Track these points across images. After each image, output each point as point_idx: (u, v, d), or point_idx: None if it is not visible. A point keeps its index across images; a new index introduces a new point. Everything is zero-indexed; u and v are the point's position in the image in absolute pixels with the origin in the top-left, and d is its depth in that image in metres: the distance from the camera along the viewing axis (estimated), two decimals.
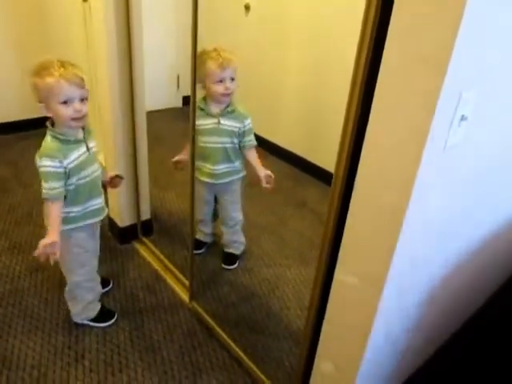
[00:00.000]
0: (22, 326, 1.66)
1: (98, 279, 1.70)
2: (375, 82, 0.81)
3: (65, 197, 1.42)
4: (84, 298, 1.64)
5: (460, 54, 0.70)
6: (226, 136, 1.76)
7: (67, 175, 1.39)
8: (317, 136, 2.78)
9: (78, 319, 1.68)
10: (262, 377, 1.50)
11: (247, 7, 2.95)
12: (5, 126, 3.13)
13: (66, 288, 1.63)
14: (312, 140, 2.83)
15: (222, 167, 1.81)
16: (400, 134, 0.78)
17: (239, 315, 1.77)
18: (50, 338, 1.62)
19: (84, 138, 1.44)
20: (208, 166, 1.81)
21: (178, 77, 3.74)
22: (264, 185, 1.78)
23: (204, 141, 1.76)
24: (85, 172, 1.44)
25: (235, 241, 2.04)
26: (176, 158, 1.87)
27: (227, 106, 1.74)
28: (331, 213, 0.99)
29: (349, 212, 0.92)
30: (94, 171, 1.48)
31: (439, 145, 0.80)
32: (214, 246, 2.12)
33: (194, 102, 1.49)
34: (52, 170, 1.35)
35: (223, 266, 2.02)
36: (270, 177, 1.77)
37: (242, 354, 1.57)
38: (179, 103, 3.80)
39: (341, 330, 1.06)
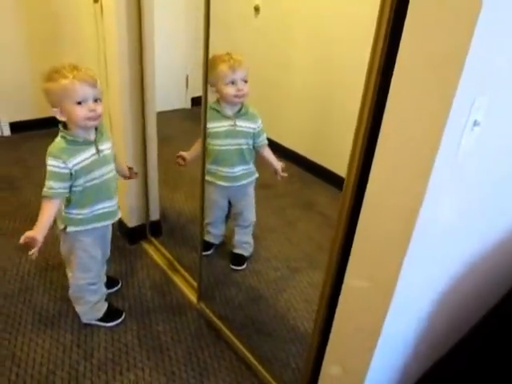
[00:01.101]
0: (31, 324, 1.67)
1: (103, 281, 1.71)
2: (388, 85, 0.81)
3: (72, 198, 1.44)
4: (89, 300, 1.65)
5: (474, 58, 0.70)
6: (241, 137, 1.77)
7: (73, 176, 1.39)
8: (325, 138, 2.78)
9: (85, 319, 1.69)
10: (270, 379, 1.50)
11: (257, 9, 2.96)
12: (16, 125, 3.17)
13: (70, 290, 1.65)
14: (320, 142, 2.83)
15: (238, 169, 1.82)
16: (413, 138, 0.78)
17: (247, 317, 1.77)
18: (59, 336, 1.64)
19: (95, 140, 1.44)
20: (224, 170, 1.81)
21: (187, 78, 3.75)
22: (280, 175, 1.86)
23: (219, 144, 1.77)
24: (93, 174, 1.44)
25: (245, 242, 2.05)
26: (182, 153, 1.86)
27: (241, 108, 1.75)
28: (342, 216, 0.99)
29: (360, 215, 0.92)
30: (104, 174, 1.48)
31: (452, 149, 0.80)
32: (222, 246, 2.13)
33: (206, 103, 1.50)
34: (55, 169, 1.37)
35: (232, 266, 2.02)
36: (282, 167, 1.85)
37: (249, 356, 1.57)
38: (188, 104, 3.82)
39: (350, 334, 1.06)
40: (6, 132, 3.20)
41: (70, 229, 1.48)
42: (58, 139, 1.40)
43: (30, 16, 2.99)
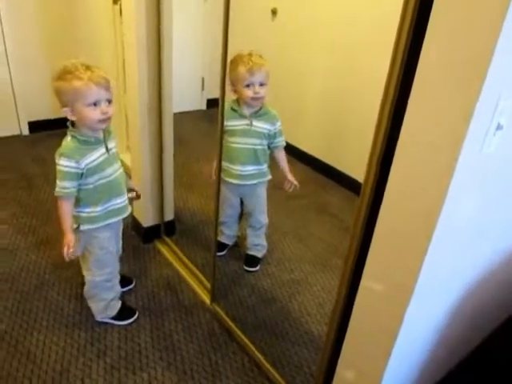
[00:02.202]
0: (46, 321, 1.69)
1: (118, 278, 1.72)
2: (409, 88, 0.80)
3: (82, 197, 1.45)
4: (104, 298, 1.66)
5: (498, 62, 0.69)
6: (256, 137, 1.78)
7: (85, 175, 1.41)
8: (340, 141, 2.77)
9: (99, 317, 1.70)
10: (282, 382, 1.49)
11: (274, 12, 2.96)
12: (35, 125, 3.23)
13: (85, 287, 1.66)
14: (335, 145, 2.82)
15: (249, 169, 1.83)
16: (435, 141, 0.77)
17: (259, 319, 1.77)
18: (73, 333, 1.65)
19: (104, 138, 1.45)
20: (235, 167, 1.82)
21: (203, 79, 3.77)
22: (286, 188, 1.86)
23: (233, 141, 1.78)
24: (104, 173, 1.46)
25: (258, 244, 2.05)
26: (209, 172, 1.84)
27: (260, 109, 1.76)
28: (359, 219, 0.99)
29: (378, 218, 0.91)
30: (113, 172, 1.50)
31: (474, 154, 0.78)
32: (236, 247, 2.13)
33: (223, 105, 1.50)
34: (67, 169, 1.38)
35: (245, 267, 2.02)
36: (294, 185, 1.85)
37: (261, 358, 1.57)
38: (203, 105, 3.83)
39: (365, 338, 1.04)
40: (25, 131, 3.26)
41: (83, 227, 1.49)
42: (69, 139, 1.41)
43: (49, 18, 3.04)
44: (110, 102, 1.39)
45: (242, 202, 1.98)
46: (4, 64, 2.99)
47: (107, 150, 1.46)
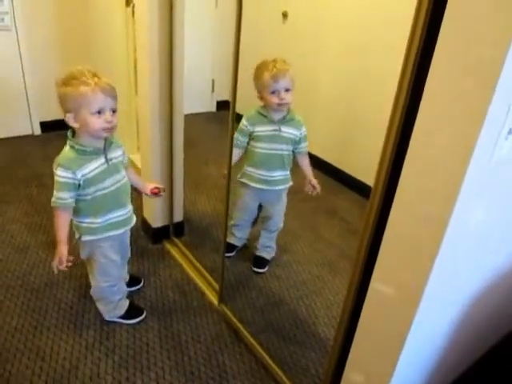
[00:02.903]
0: (56, 319, 1.71)
1: (124, 280, 1.74)
2: (420, 92, 0.80)
3: (81, 207, 1.43)
4: (111, 300, 1.68)
5: (510, 67, 0.69)
6: (283, 143, 1.79)
7: (82, 186, 1.38)
8: (350, 145, 2.77)
9: (107, 317, 1.71)
10: None
11: (285, 15, 2.97)
12: (46, 125, 3.27)
13: (91, 290, 1.68)
14: (345, 149, 2.81)
15: (276, 174, 1.84)
16: (446, 143, 0.77)
17: (267, 321, 1.77)
18: (82, 332, 1.67)
19: (104, 148, 1.42)
20: (261, 173, 1.83)
21: (213, 81, 3.79)
22: (307, 191, 1.89)
23: (260, 146, 1.79)
24: (102, 184, 1.42)
25: (269, 245, 2.06)
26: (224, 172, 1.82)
27: (287, 114, 1.77)
28: (368, 222, 0.99)
29: (388, 221, 0.91)
30: (114, 183, 1.46)
31: (485, 158, 0.78)
32: (244, 249, 2.14)
33: (234, 108, 1.51)
34: (64, 180, 1.36)
35: (253, 269, 2.03)
36: (315, 187, 1.87)
37: (268, 360, 1.57)
38: (213, 107, 3.86)
39: (374, 341, 1.04)
40: (37, 131, 3.30)
41: (84, 238, 1.50)
42: (67, 149, 1.39)
43: (62, 19, 3.08)
44: (114, 111, 1.35)
45: (259, 207, 1.98)
46: (17, 65, 3.04)
47: (107, 160, 1.42)
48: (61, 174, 1.36)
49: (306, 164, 1.89)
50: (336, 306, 1.85)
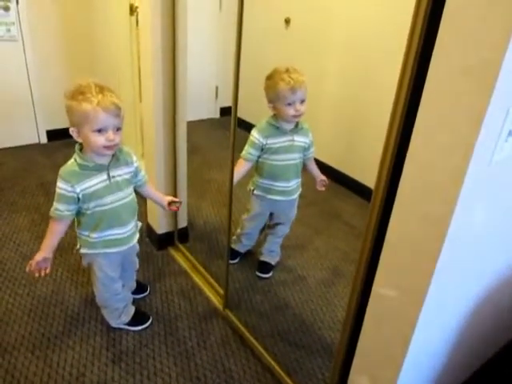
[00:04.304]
0: (62, 326, 1.72)
1: (129, 288, 1.75)
2: (420, 93, 0.81)
3: (82, 220, 1.45)
4: (115, 307, 1.68)
5: (508, 69, 0.69)
6: (297, 152, 1.80)
7: (81, 200, 1.39)
8: (353, 149, 2.77)
9: (113, 324, 1.72)
10: None
11: (287, 21, 2.99)
12: (53, 133, 3.30)
13: (96, 298, 1.69)
14: (348, 153, 2.82)
15: (293, 183, 1.85)
16: (445, 147, 0.78)
17: (272, 326, 1.77)
18: (89, 338, 1.67)
19: (108, 165, 1.41)
20: (280, 184, 1.83)
21: (217, 88, 3.81)
22: (319, 187, 1.94)
23: (278, 159, 1.78)
24: (102, 200, 1.41)
25: (273, 250, 2.06)
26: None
27: (297, 124, 1.77)
28: (370, 225, 0.99)
29: (389, 224, 0.92)
30: (115, 200, 1.44)
31: (485, 159, 0.79)
32: (248, 255, 2.14)
33: (235, 115, 1.51)
34: (62, 192, 1.36)
35: (258, 274, 2.03)
36: (325, 181, 1.93)
37: (274, 365, 1.57)
38: (217, 114, 3.87)
39: (378, 344, 1.04)
40: (43, 139, 3.33)
41: (82, 250, 1.51)
42: (71, 161, 1.39)
43: (67, 28, 3.12)
44: (118, 129, 1.34)
45: (270, 214, 1.98)
46: (24, 74, 3.07)
47: (109, 177, 1.41)
48: (60, 186, 1.37)
49: (314, 167, 1.92)
50: (341, 309, 1.85)
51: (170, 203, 1.66)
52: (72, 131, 1.35)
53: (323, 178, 1.93)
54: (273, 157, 1.77)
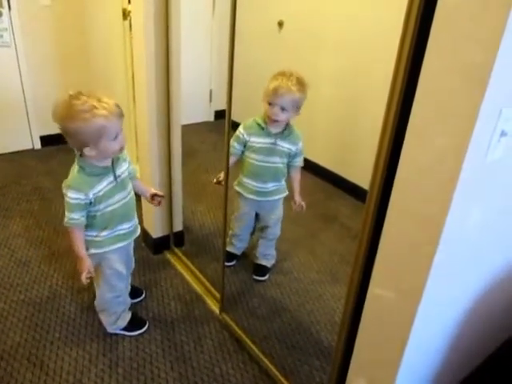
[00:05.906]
0: (59, 332, 1.71)
1: (128, 291, 1.74)
2: (413, 95, 0.81)
3: (90, 222, 1.45)
4: (114, 311, 1.68)
5: (501, 69, 0.70)
6: (278, 156, 1.79)
7: (93, 204, 1.40)
8: (348, 151, 2.78)
9: (110, 329, 1.71)
10: None
11: (280, 24, 3.00)
12: (47, 139, 3.28)
13: (96, 301, 1.68)
14: (343, 155, 2.82)
15: (270, 185, 1.85)
16: (439, 147, 0.78)
17: (269, 329, 1.77)
18: (85, 344, 1.66)
19: (112, 166, 1.43)
20: (256, 184, 1.84)
21: (211, 91, 3.81)
22: (294, 208, 1.89)
23: (257, 159, 1.79)
24: (112, 200, 1.44)
25: (268, 253, 2.06)
26: (220, 179, 1.79)
27: (285, 129, 1.75)
28: (365, 226, 0.99)
29: (384, 225, 0.92)
30: (122, 198, 1.48)
31: (479, 159, 0.79)
32: (245, 257, 2.14)
33: (229, 118, 1.52)
34: (76, 202, 1.36)
35: (254, 277, 2.03)
36: (302, 207, 1.87)
37: (272, 368, 1.57)
38: (211, 117, 3.88)
39: (375, 346, 1.04)
40: (37, 145, 3.32)
41: (90, 251, 1.50)
42: (76, 169, 1.38)
43: (61, 32, 3.11)
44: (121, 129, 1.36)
45: (256, 216, 1.99)
46: (17, 80, 3.06)
47: (115, 177, 1.43)
48: (72, 196, 1.36)
49: (296, 179, 1.87)
50: (338, 311, 1.85)
51: (152, 196, 1.67)
52: (85, 150, 1.31)
53: (298, 200, 1.86)
54: (253, 155, 1.79)
